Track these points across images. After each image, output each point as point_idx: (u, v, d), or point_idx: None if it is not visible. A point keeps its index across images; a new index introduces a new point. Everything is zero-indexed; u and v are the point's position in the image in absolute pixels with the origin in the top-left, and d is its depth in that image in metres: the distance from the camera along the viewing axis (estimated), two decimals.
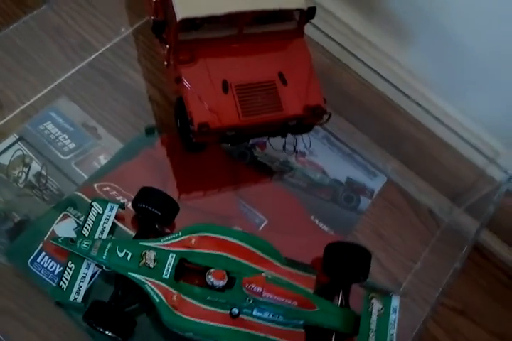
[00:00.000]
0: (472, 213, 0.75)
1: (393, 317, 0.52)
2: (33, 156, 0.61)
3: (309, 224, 0.67)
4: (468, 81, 0.74)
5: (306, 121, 0.63)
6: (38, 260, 0.54)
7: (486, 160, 0.76)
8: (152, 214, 0.54)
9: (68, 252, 0.52)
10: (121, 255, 0.50)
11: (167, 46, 0.58)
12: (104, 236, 0.54)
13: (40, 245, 0.55)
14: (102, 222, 0.55)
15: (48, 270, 0.54)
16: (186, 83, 0.57)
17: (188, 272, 0.52)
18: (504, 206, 0.75)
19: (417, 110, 0.76)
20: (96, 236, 0.53)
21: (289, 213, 0.66)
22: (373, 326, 0.51)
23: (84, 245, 0.51)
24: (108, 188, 0.60)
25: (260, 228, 0.63)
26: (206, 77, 0.57)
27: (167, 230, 0.58)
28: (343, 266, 0.55)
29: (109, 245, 0.51)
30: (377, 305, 0.52)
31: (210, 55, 0.58)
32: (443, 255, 0.71)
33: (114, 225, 0.56)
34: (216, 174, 0.66)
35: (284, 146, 0.71)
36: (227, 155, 0.67)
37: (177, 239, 0.53)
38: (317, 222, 0.68)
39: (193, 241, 0.52)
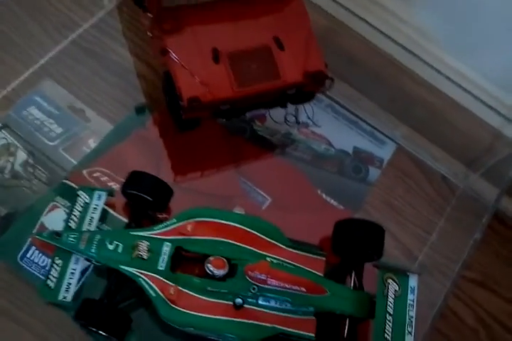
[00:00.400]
0: (490, 178, 0.70)
1: (411, 297, 0.48)
2: (18, 144, 0.58)
3: (317, 199, 0.63)
4: (480, 37, 0.68)
5: (307, 89, 0.58)
6: (28, 255, 0.51)
7: (502, 120, 0.71)
8: (143, 200, 0.50)
9: (55, 247, 0.49)
10: (111, 247, 0.46)
11: (150, 15, 0.54)
12: (93, 227, 0.50)
13: (29, 239, 0.52)
14: (89, 212, 0.51)
15: (39, 265, 0.51)
16: (173, 54, 0.52)
17: (186, 261, 0.48)
18: None
19: (427, 71, 0.70)
20: (84, 228, 0.50)
21: (294, 189, 0.62)
22: (390, 309, 0.47)
23: (71, 238, 0.47)
24: (98, 174, 0.57)
25: (264, 207, 0.60)
26: (194, 46, 0.52)
27: (162, 216, 0.55)
28: (353, 245, 0.51)
29: (97, 237, 0.47)
30: (393, 286, 0.48)
31: (197, 22, 0.53)
32: (460, 224, 0.67)
33: (105, 213, 0.53)
34: (214, 152, 0.62)
35: (285, 118, 0.67)
36: (225, 131, 0.63)
37: (172, 227, 0.49)
38: (324, 196, 0.64)
39: (189, 227, 0.48)
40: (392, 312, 0.47)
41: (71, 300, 0.48)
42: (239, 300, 0.46)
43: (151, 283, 0.45)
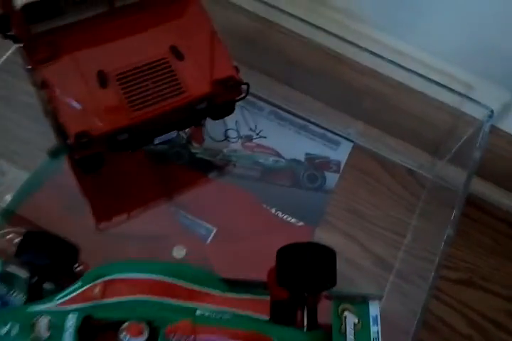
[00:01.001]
0: (459, 163, 0.64)
1: (375, 329, 0.42)
2: None
3: (271, 219, 0.58)
4: (414, 7, 0.61)
5: (221, 99, 0.51)
6: None
7: (459, 98, 0.65)
8: (39, 267, 0.43)
9: None
10: (4, 330, 0.38)
11: (20, 45, 0.47)
12: None
13: None
14: None
15: None
16: (52, 87, 0.46)
17: (102, 332, 0.40)
18: (492, 146, 0.65)
19: (366, 56, 0.64)
20: None
21: (242, 213, 0.57)
22: None
23: None
24: (12, 235, 0.51)
25: (208, 240, 0.54)
26: (76, 73, 0.46)
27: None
28: (299, 274, 0.43)
29: None
30: (351, 319, 0.42)
31: (76, 43, 0.47)
32: (435, 220, 0.62)
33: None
34: (141, 186, 0.56)
35: (225, 134, 0.61)
36: (153, 161, 0.57)
37: (76, 292, 0.41)
38: (280, 214, 0.58)
39: (97, 290, 0.41)
40: None
41: None
42: None
43: None
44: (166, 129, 0.51)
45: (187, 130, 0.59)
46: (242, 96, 0.52)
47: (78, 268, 0.48)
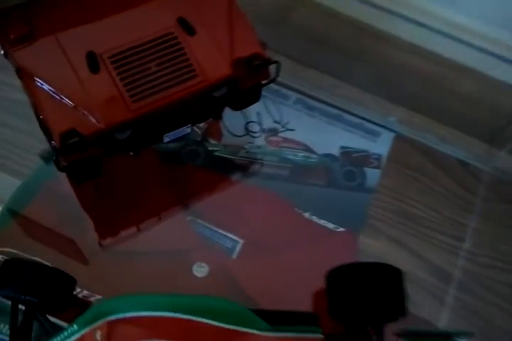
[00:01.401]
0: None
1: None
2: None
3: (306, 226, 0.49)
4: None
5: (245, 84, 0.41)
6: None
7: None
8: (27, 303, 0.35)
9: None
10: None
11: None
12: None
13: None
14: None
15: None
16: (29, 74, 0.37)
17: None
18: None
19: (410, 30, 0.55)
20: None
21: (273, 220, 0.48)
22: None
23: None
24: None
25: (235, 254, 0.45)
26: (59, 55, 0.37)
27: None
28: (357, 303, 0.34)
29: None
30: None
31: (58, 19, 0.38)
32: (496, 218, 0.53)
33: None
34: (152, 192, 0.47)
35: (246, 128, 0.53)
36: (165, 161, 0.49)
37: (73, 338, 0.32)
38: (316, 219, 0.49)
39: (98, 335, 0.31)
40: None
41: None
42: None
43: None
44: (176, 124, 0.42)
45: (202, 124, 0.50)
46: (270, 79, 0.42)
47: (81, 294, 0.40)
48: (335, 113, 0.54)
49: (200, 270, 0.42)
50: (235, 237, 0.46)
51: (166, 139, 0.42)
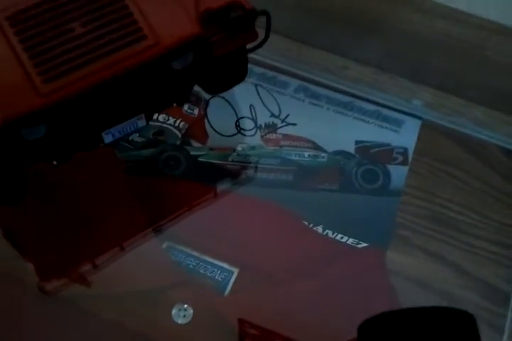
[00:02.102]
0: None
1: None
2: None
3: (319, 243, 0.39)
4: None
5: (220, 49, 0.30)
6: None
7: None
8: None
9: None
10: None
11: None
12: None
13: None
14: None
15: None
16: None
17: None
18: None
19: None
20: None
21: (276, 239, 0.38)
22: None
23: None
24: None
25: (227, 290, 0.35)
26: None
27: None
28: None
29: None
30: None
31: None
32: None
33: None
34: (116, 216, 0.36)
35: (236, 124, 0.43)
36: (135, 172, 0.39)
37: None
38: (331, 234, 0.39)
39: None
40: None
41: None
42: None
43: None
44: (120, 114, 0.31)
45: (178, 122, 0.41)
46: (259, 41, 0.31)
47: None
48: (346, 100, 0.45)
49: (181, 314, 0.32)
50: (227, 266, 0.35)
51: (107, 138, 0.31)
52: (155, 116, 0.42)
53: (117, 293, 0.33)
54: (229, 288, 0.34)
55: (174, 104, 0.34)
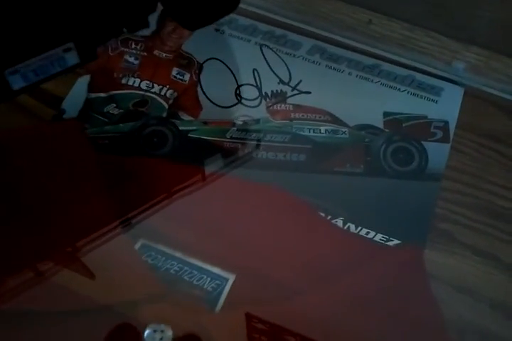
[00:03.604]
0: None
1: None
2: None
3: (339, 239, 0.31)
4: None
5: None
6: None
7: None
8: None
9: None
10: None
11: None
12: None
13: None
14: None
15: None
16: None
17: None
18: None
19: None
20: None
21: (285, 234, 0.30)
22: None
23: None
24: None
25: (219, 304, 0.27)
26: None
27: None
28: None
29: None
30: None
31: None
32: None
33: None
34: (76, 206, 0.28)
35: (236, 93, 0.35)
36: (106, 150, 0.31)
37: None
38: (354, 229, 0.31)
39: None
40: None
41: None
42: None
43: None
44: (34, 42, 0.22)
45: (165, 90, 0.33)
46: None
47: None
48: (371, 63, 0.37)
49: (157, 337, 0.24)
50: (220, 271, 0.27)
51: (15, 82, 0.22)
52: (134, 82, 0.34)
53: (71, 310, 0.25)
54: (221, 300, 0.26)
55: (124, 30, 0.25)
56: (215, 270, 0.27)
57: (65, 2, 0.21)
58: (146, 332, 0.25)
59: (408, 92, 0.36)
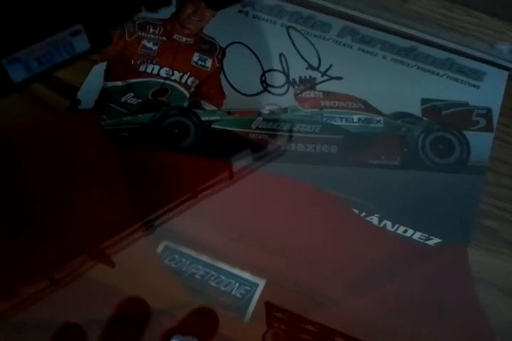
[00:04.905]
0: None
1: None
2: None
3: (375, 238, 0.29)
4: None
5: None
6: None
7: None
8: None
9: None
10: None
11: None
12: None
13: None
14: None
15: None
16: None
17: None
18: None
19: None
20: None
21: (317, 235, 0.28)
22: None
23: None
24: None
25: (249, 312, 0.25)
26: None
27: None
28: None
29: None
30: None
31: None
32: None
33: None
34: (91, 206, 0.26)
35: (261, 79, 0.32)
36: (122, 144, 0.29)
37: None
38: (391, 227, 0.29)
39: None
40: None
41: None
42: None
43: None
44: (35, 24, 0.19)
45: (186, 78, 0.31)
46: None
47: None
48: (407, 46, 0.34)
49: None
50: (250, 276, 0.25)
51: (15, 73, 0.19)
52: (153, 69, 0.32)
53: (87, 320, 0.23)
54: (251, 308, 0.24)
55: (143, 9, 0.22)
56: (245, 275, 0.25)
57: None
58: None
59: (448, 77, 0.33)
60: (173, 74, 0.32)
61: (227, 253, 0.25)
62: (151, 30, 0.33)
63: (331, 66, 0.33)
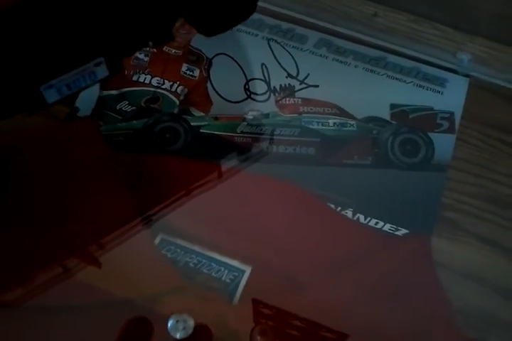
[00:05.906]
0: None
1: None
2: None
3: (349, 230, 0.32)
4: None
5: None
6: None
7: None
8: None
9: None
10: None
11: None
12: None
13: None
14: None
15: None
16: None
17: None
18: None
19: None
20: None
21: (297, 226, 0.31)
22: None
23: None
24: None
25: (237, 295, 0.28)
26: None
27: None
28: None
29: None
30: None
31: None
32: None
33: None
34: (95, 203, 0.29)
35: (245, 87, 0.35)
36: (121, 149, 0.32)
37: None
38: (363, 219, 0.32)
39: None
40: None
41: None
42: None
43: None
44: (66, 58, 0.23)
45: (176, 87, 0.34)
46: None
47: None
48: (377, 55, 0.37)
49: (179, 327, 0.26)
50: (237, 264, 0.29)
51: (50, 96, 0.23)
52: (145, 79, 0.35)
53: (95, 303, 0.26)
54: (239, 291, 0.28)
55: (150, 44, 0.26)
56: (233, 262, 0.28)
57: (96, 21, 0.22)
58: (170, 322, 0.26)
59: (414, 84, 0.37)
60: (163, 83, 0.35)
61: (217, 245, 0.28)
62: None
63: (308, 75, 0.37)
